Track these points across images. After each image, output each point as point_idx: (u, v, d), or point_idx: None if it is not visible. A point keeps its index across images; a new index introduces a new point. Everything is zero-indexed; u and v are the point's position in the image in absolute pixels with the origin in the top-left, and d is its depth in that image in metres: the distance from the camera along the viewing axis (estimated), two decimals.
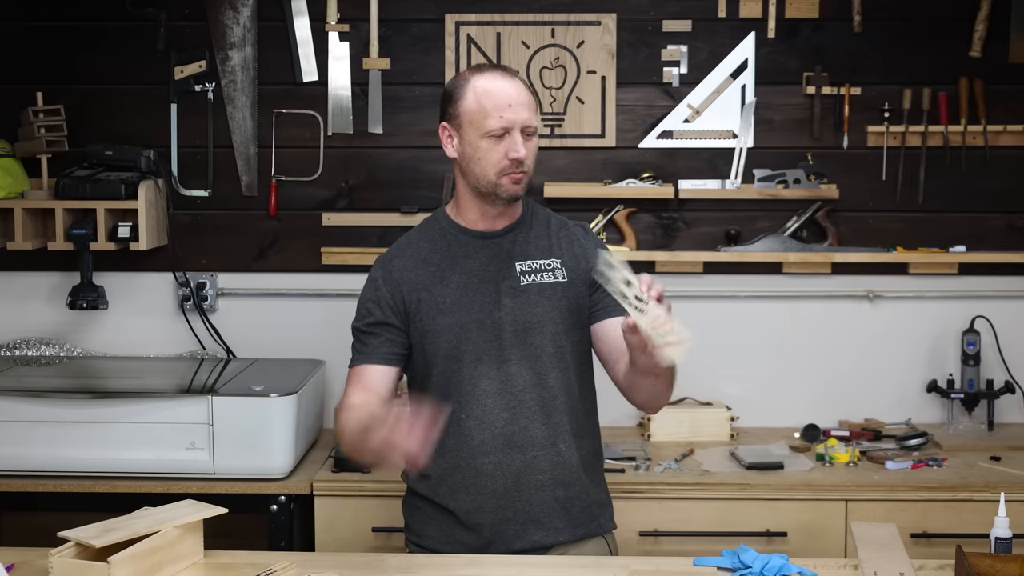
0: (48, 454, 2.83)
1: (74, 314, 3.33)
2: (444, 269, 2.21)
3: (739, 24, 3.31)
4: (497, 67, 2.20)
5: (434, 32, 3.33)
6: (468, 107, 2.14)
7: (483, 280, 2.20)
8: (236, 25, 3.33)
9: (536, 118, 2.16)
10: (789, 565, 2.01)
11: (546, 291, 2.20)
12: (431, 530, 2.23)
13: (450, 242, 2.24)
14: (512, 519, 2.17)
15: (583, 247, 2.26)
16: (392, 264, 2.25)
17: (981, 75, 3.27)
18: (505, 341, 2.17)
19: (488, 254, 2.22)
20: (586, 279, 2.23)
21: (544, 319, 2.19)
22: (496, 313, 2.17)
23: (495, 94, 2.12)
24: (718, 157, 3.34)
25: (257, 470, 2.81)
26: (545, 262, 2.22)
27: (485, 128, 2.12)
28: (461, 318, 2.17)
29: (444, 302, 2.18)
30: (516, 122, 2.12)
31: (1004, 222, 3.35)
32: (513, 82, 2.14)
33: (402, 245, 2.29)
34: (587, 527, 2.23)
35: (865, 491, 2.80)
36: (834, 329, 3.36)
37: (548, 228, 2.27)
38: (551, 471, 2.18)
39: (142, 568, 1.92)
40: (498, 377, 2.17)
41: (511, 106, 2.11)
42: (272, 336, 3.36)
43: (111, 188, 3.16)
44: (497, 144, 2.12)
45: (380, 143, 3.36)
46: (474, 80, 2.15)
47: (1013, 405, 3.34)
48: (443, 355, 2.18)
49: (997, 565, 1.93)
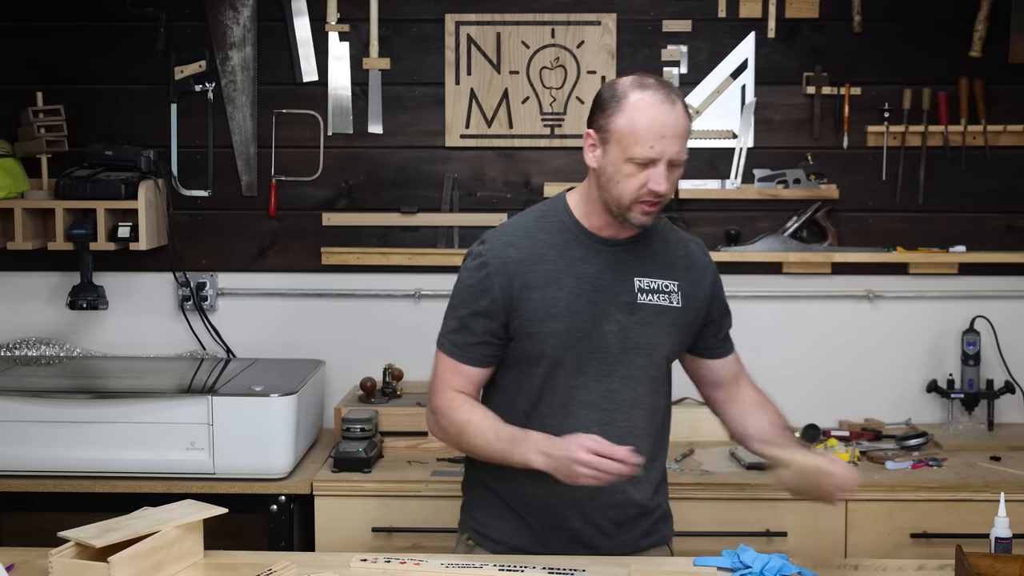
0: (48, 454, 2.83)
1: (74, 314, 3.33)
2: (560, 269, 2.09)
3: (739, 24, 3.31)
4: (661, 85, 2.02)
5: (434, 32, 3.33)
6: (619, 125, 2.00)
7: (597, 289, 2.09)
8: (236, 25, 3.33)
9: (686, 149, 2.02)
10: (789, 565, 2.01)
11: (661, 314, 2.13)
12: (498, 523, 2.18)
13: (568, 240, 2.11)
14: (582, 530, 2.15)
15: (701, 272, 2.20)
16: (506, 253, 2.09)
17: (981, 75, 3.27)
18: (610, 356, 2.10)
19: (606, 262, 2.11)
20: (698, 308, 2.18)
21: (653, 343, 2.13)
22: (606, 326, 2.09)
23: (651, 121, 1.98)
24: (718, 157, 3.34)
25: (257, 470, 2.81)
26: (663, 283, 2.14)
27: (631, 153, 1.99)
28: (570, 324, 2.07)
29: (556, 306, 2.07)
30: (666, 154, 1.98)
31: (1004, 222, 3.35)
32: (673, 109, 1.99)
33: (518, 232, 2.13)
34: (651, 537, 2.23)
35: (865, 491, 2.79)
36: (834, 329, 3.36)
37: (667, 243, 2.18)
38: (630, 490, 2.14)
39: (142, 568, 1.92)
40: (596, 390, 2.10)
41: (664, 137, 1.97)
42: (272, 336, 3.36)
43: (111, 188, 3.16)
44: (640, 171, 2.00)
45: (380, 143, 3.36)
46: (633, 97, 2.00)
47: (1013, 405, 3.34)
48: (547, 360, 2.09)
49: (997, 565, 1.93)
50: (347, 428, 2.92)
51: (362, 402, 3.16)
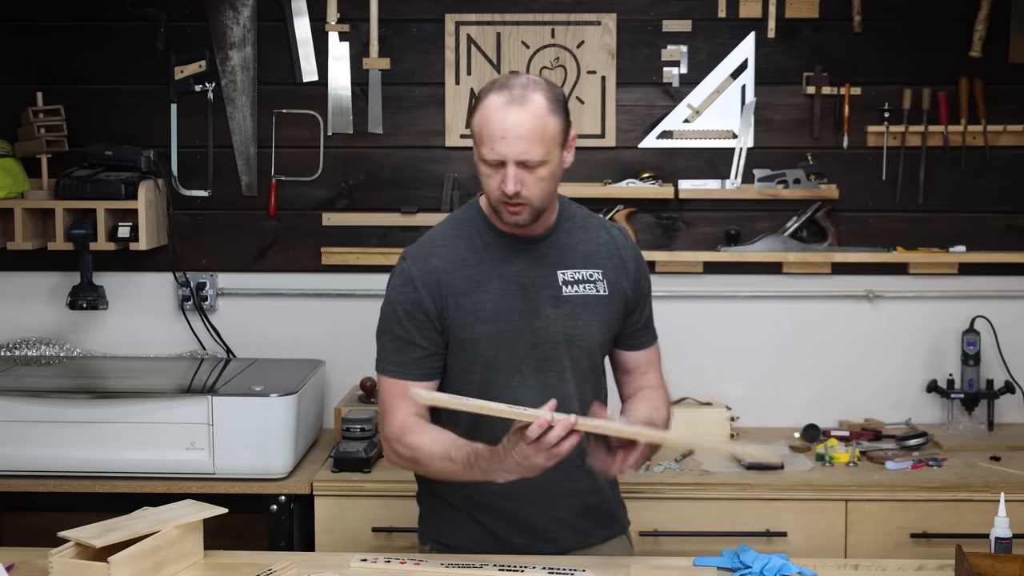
0: (48, 454, 2.83)
1: (74, 314, 3.33)
2: (483, 273, 2.10)
3: (739, 24, 3.31)
4: (520, 86, 1.99)
5: (434, 32, 3.33)
6: (473, 126, 2.02)
7: (522, 287, 2.11)
8: (236, 25, 3.33)
9: (540, 149, 1.97)
10: (789, 565, 2.01)
11: (588, 304, 2.14)
12: (457, 531, 2.20)
13: (487, 243, 2.13)
14: (545, 526, 2.16)
15: (623, 259, 2.20)
16: (429, 264, 2.11)
17: (981, 75, 3.27)
18: (544, 351, 2.11)
19: (527, 259, 2.12)
20: (624, 296, 2.19)
21: (584, 333, 2.14)
22: (535, 322, 2.11)
23: (491, 122, 1.97)
24: (718, 157, 3.34)
25: (257, 470, 2.81)
26: (587, 272, 2.15)
27: (480, 153, 2.01)
28: (500, 326, 2.09)
29: (484, 309, 2.09)
30: (509, 155, 1.96)
31: (1004, 222, 3.35)
32: (521, 109, 1.96)
33: (437, 242, 2.15)
34: (611, 528, 2.25)
35: (865, 491, 2.80)
36: (834, 329, 3.36)
37: (587, 232, 2.19)
38: (584, 480, 2.16)
39: (142, 568, 1.93)
40: (534, 387, 2.10)
41: (504, 139, 1.96)
42: (272, 336, 3.36)
43: (111, 188, 3.16)
44: (496, 172, 2.00)
45: (380, 143, 3.36)
46: (485, 99, 2.00)
47: (1013, 405, 3.34)
48: (481, 364, 2.10)
49: (997, 565, 1.93)
50: (347, 428, 2.92)
51: (362, 402, 3.16)
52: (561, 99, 2.03)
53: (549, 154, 1.99)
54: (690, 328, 3.31)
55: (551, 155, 2.00)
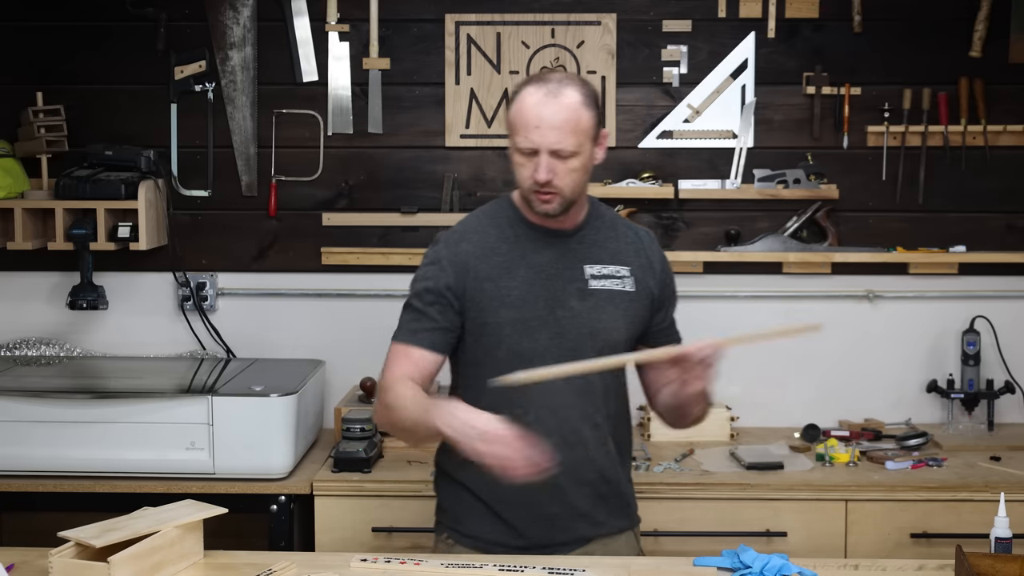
0: (48, 454, 2.83)
1: (74, 314, 3.33)
2: (512, 261, 2.16)
3: (739, 24, 3.31)
4: (555, 80, 2.08)
5: (434, 32, 3.33)
6: (509, 116, 2.10)
7: (549, 277, 2.16)
8: (236, 25, 3.33)
9: (573, 140, 2.05)
10: (789, 565, 2.02)
11: (614, 299, 2.18)
12: (473, 520, 2.21)
13: (518, 234, 2.18)
14: (560, 514, 2.18)
15: (650, 258, 2.25)
16: (460, 247, 2.17)
17: (981, 75, 3.27)
18: (568, 342, 2.14)
19: (556, 252, 2.17)
20: (650, 294, 2.23)
21: (610, 326, 2.17)
22: (560, 312, 2.14)
23: (525, 112, 2.05)
24: (718, 157, 3.34)
25: (257, 470, 2.81)
26: (615, 268, 2.19)
27: (515, 142, 2.08)
28: (524, 313, 2.13)
29: (509, 295, 2.14)
30: (543, 144, 2.04)
31: (1004, 222, 3.35)
32: (555, 101, 2.04)
33: (469, 228, 2.22)
34: (623, 520, 2.27)
35: (865, 491, 2.80)
36: (834, 329, 3.36)
37: (615, 230, 2.24)
38: (599, 468, 2.20)
39: (142, 568, 1.93)
40: None
41: (539, 128, 2.04)
42: (272, 336, 3.36)
43: (111, 188, 3.16)
44: (528, 161, 2.07)
45: (380, 143, 3.36)
46: (522, 91, 2.09)
47: (1013, 405, 3.34)
48: (505, 349, 2.14)
49: (997, 565, 1.93)
50: (347, 428, 2.92)
51: (362, 402, 3.16)
52: (595, 96, 2.12)
53: (581, 146, 2.07)
54: (690, 328, 3.25)
55: (583, 147, 2.07)
